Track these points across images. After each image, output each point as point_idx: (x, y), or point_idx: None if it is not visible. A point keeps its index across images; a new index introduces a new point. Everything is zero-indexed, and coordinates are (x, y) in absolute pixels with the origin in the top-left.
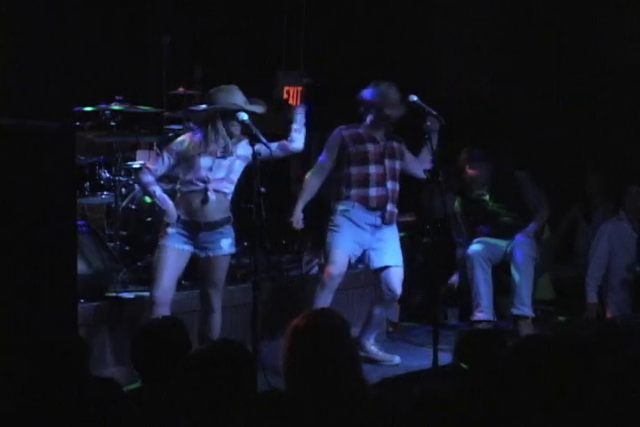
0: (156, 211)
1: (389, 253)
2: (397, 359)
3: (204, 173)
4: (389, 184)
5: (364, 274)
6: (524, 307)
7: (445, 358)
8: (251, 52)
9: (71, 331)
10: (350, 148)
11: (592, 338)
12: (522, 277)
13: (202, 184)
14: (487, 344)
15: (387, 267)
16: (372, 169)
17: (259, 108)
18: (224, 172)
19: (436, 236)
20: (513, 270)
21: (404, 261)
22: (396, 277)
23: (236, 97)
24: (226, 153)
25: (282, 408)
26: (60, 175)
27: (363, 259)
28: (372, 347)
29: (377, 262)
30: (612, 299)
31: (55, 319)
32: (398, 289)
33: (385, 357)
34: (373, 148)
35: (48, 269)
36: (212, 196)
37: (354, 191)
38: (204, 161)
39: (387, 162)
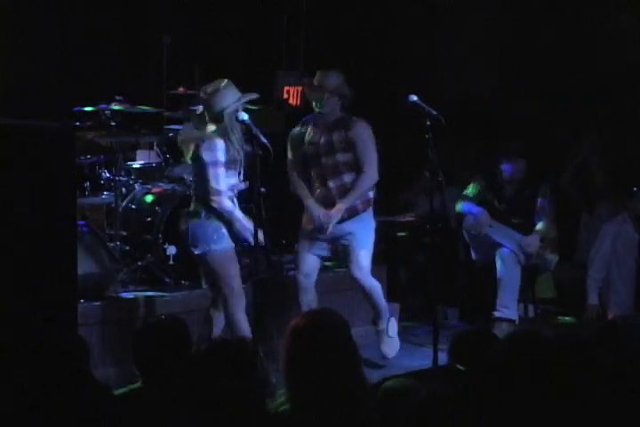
0: (156, 211)
1: (356, 242)
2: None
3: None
4: (331, 183)
5: None
6: (505, 309)
7: (445, 358)
8: (251, 52)
9: (71, 331)
10: (297, 149)
11: (592, 338)
12: (505, 277)
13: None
14: (481, 344)
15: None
16: (312, 172)
17: (254, 95)
18: None
19: (435, 236)
20: (498, 269)
21: (404, 260)
22: (360, 258)
23: (237, 92)
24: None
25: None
26: (60, 175)
27: (334, 249)
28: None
29: (346, 253)
30: (614, 300)
31: (55, 319)
32: (356, 270)
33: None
34: (310, 149)
35: (48, 269)
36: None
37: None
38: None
39: (323, 160)
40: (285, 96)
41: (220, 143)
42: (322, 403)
